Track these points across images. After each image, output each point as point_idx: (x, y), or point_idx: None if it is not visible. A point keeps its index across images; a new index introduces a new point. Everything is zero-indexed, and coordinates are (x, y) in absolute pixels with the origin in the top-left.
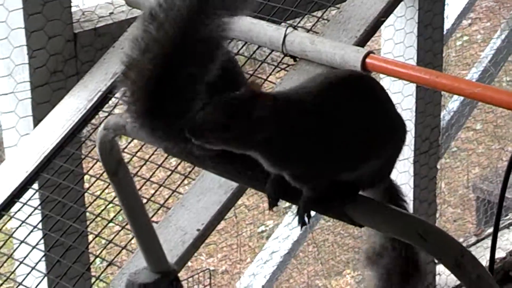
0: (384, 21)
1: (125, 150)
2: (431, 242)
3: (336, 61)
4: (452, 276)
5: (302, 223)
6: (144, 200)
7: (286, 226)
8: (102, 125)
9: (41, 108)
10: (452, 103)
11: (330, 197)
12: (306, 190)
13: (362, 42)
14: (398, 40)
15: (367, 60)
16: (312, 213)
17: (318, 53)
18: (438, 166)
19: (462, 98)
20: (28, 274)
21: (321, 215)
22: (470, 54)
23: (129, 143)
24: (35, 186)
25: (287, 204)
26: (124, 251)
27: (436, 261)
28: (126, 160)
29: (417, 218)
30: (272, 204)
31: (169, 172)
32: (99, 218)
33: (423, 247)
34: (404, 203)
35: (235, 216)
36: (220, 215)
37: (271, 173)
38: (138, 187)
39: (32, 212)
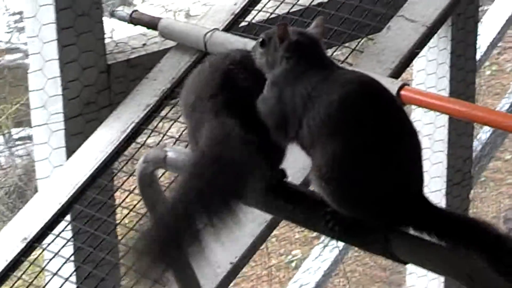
0: (418, 52)
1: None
2: (478, 282)
3: None
4: None
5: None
6: None
7: (317, 258)
8: (141, 158)
9: (74, 140)
10: (484, 133)
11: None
12: None
13: (396, 73)
14: (430, 70)
15: (402, 92)
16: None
17: None
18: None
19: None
20: None
21: (351, 246)
22: (500, 84)
23: (161, 175)
24: (68, 218)
25: (315, 233)
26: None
27: None
28: None
29: (465, 258)
30: None
31: None
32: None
33: (469, 287)
34: None
35: (266, 248)
36: (253, 248)
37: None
38: None
39: (65, 244)
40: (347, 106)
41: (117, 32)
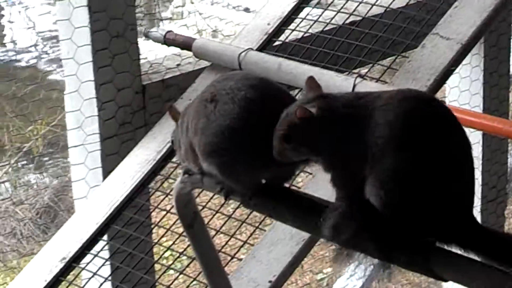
0: (453, 70)
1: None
2: None
3: None
4: None
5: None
6: None
7: (352, 276)
8: (178, 179)
9: (110, 160)
10: None
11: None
12: None
13: (432, 91)
14: (463, 88)
15: None
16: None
17: None
18: None
19: None
20: None
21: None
22: None
23: (199, 194)
24: (105, 237)
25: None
26: None
27: None
28: None
29: (509, 275)
30: None
31: (237, 223)
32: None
33: None
34: None
35: (301, 266)
36: (292, 267)
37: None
38: None
39: (103, 264)
40: (411, 122)
41: (149, 54)
